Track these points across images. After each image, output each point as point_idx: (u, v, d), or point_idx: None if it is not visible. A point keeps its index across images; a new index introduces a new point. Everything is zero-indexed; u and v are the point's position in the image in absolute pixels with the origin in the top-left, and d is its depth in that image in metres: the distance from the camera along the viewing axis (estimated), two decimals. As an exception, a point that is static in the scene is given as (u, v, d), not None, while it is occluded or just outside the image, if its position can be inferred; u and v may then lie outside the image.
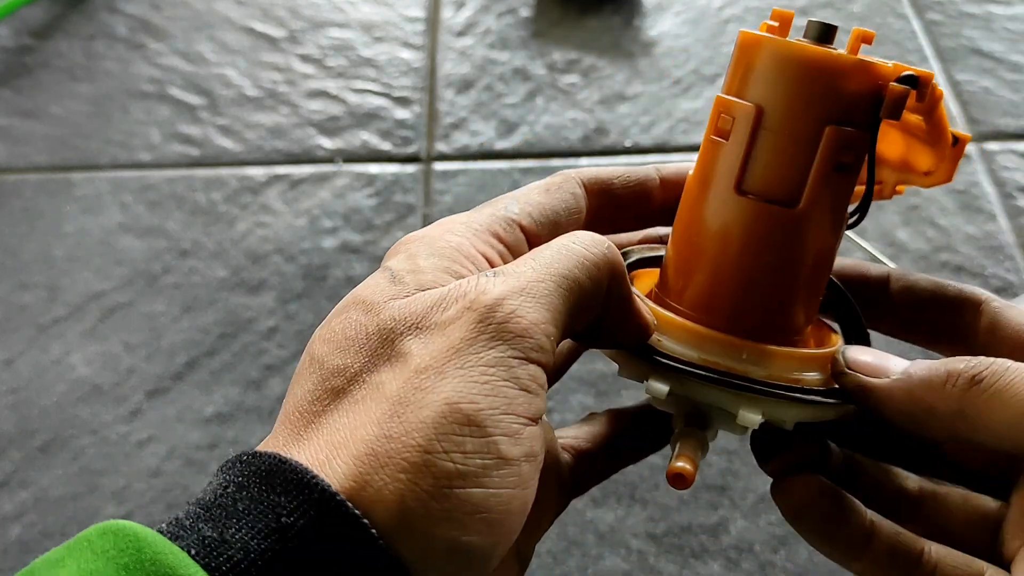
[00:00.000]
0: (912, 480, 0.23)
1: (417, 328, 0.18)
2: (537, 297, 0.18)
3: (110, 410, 0.43)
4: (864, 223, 0.49)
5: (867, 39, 0.20)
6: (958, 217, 0.49)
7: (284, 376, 0.44)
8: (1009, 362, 0.19)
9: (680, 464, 0.20)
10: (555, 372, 0.27)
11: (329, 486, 0.16)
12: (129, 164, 0.54)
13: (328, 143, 0.55)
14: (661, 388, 0.21)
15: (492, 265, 0.21)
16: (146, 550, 0.15)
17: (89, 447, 0.42)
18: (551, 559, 0.38)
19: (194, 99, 0.57)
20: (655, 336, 0.21)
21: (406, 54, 0.59)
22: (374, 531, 0.16)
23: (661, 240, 0.26)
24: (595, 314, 0.20)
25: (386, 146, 0.54)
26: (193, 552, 0.15)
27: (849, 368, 0.21)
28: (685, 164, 0.25)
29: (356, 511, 0.16)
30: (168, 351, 0.45)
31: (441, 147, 0.54)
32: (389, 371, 0.18)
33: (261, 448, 0.18)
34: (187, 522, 0.16)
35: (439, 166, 0.53)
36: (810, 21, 0.20)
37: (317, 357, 0.19)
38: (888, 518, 0.22)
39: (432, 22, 0.61)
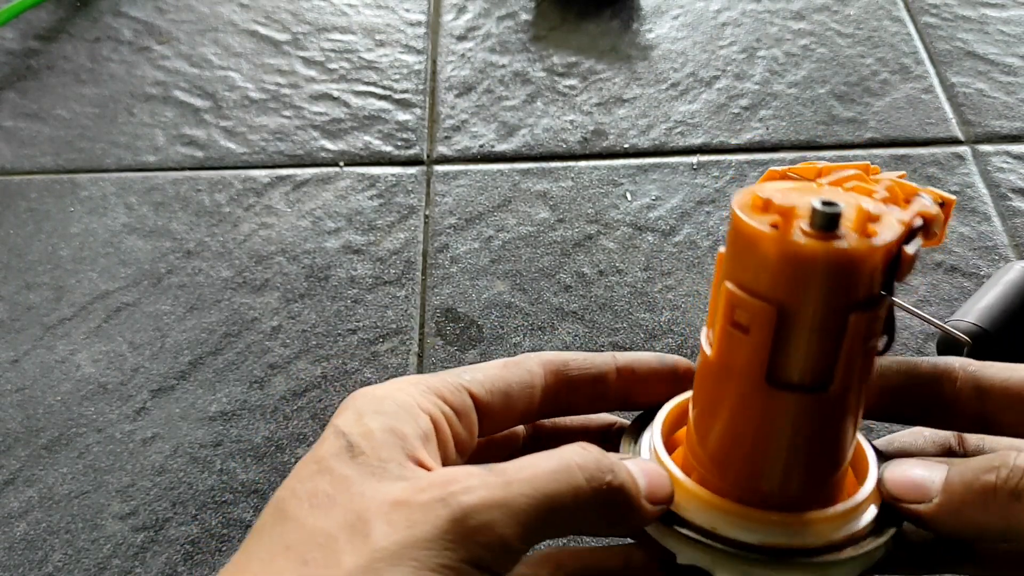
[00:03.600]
0: None
1: (388, 511, 0.19)
2: (516, 513, 0.19)
3: (115, 408, 0.44)
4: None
5: (873, 219, 0.19)
6: (952, 218, 0.50)
7: (287, 375, 0.45)
8: None
9: None
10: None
11: None
12: (134, 166, 0.55)
13: (331, 145, 0.55)
14: None
15: (435, 422, 0.22)
16: None
17: (95, 445, 0.43)
18: (551, 555, 0.39)
19: (199, 102, 0.58)
20: (710, 522, 0.22)
21: (408, 58, 0.60)
22: None
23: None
24: (577, 532, 0.21)
25: (388, 148, 0.55)
26: None
27: (891, 498, 0.21)
28: (642, 354, 0.26)
29: None
30: (173, 350, 0.46)
31: (442, 149, 0.55)
32: (349, 542, 0.18)
33: None
34: None
35: (440, 168, 0.54)
36: (814, 210, 0.18)
37: (281, 511, 0.20)
38: None
39: (433, 26, 0.62)
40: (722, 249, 0.21)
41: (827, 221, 0.18)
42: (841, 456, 0.22)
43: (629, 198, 0.52)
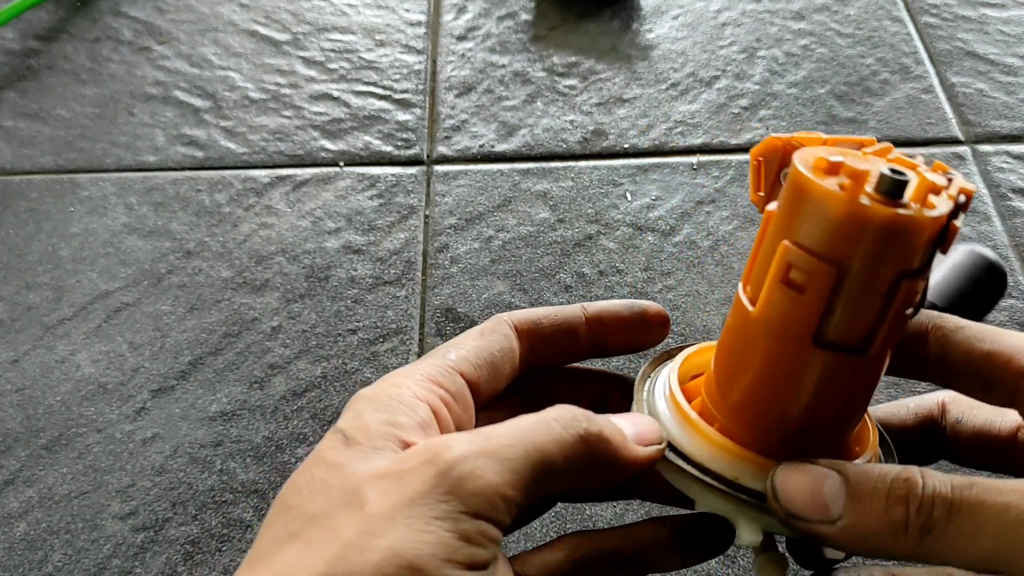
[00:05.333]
0: (880, 569, 0.24)
1: (379, 479, 0.19)
2: (501, 460, 0.19)
3: (115, 408, 0.44)
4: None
5: (935, 191, 0.20)
6: (953, 218, 0.50)
7: (287, 375, 0.45)
8: (948, 495, 0.19)
9: None
10: (530, 511, 0.27)
11: None
12: (134, 166, 0.55)
13: (331, 145, 0.55)
14: (755, 538, 0.22)
15: (434, 410, 0.22)
16: None
17: (95, 445, 0.43)
18: (551, 555, 0.39)
19: (199, 102, 0.58)
20: (732, 472, 0.22)
21: (408, 58, 0.60)
22: None
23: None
24: (572, 484, 0.21)
25: (388, 148, 0.55)
26: None
27: (789, 516, 0.21)
28: (611, 302, 0.26)
29: None
30: (173, 350, 0.46)
31: (442, 149, 0.55)
32: (345, 515, 0.19)
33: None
34: None
35: (440, 168, 0.54)
36: (882, 175, 0.19)
37: (284, 503, 0.20)
38: None
39: (433, 26, 0.62)
40: (772, 207, 0.21)
41: (895, 188, 0.19)
42: (862, 414, 0.23)
43: (629, 198, 0.52)
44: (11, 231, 0.52)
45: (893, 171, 0.19)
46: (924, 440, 0.26)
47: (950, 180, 0.21)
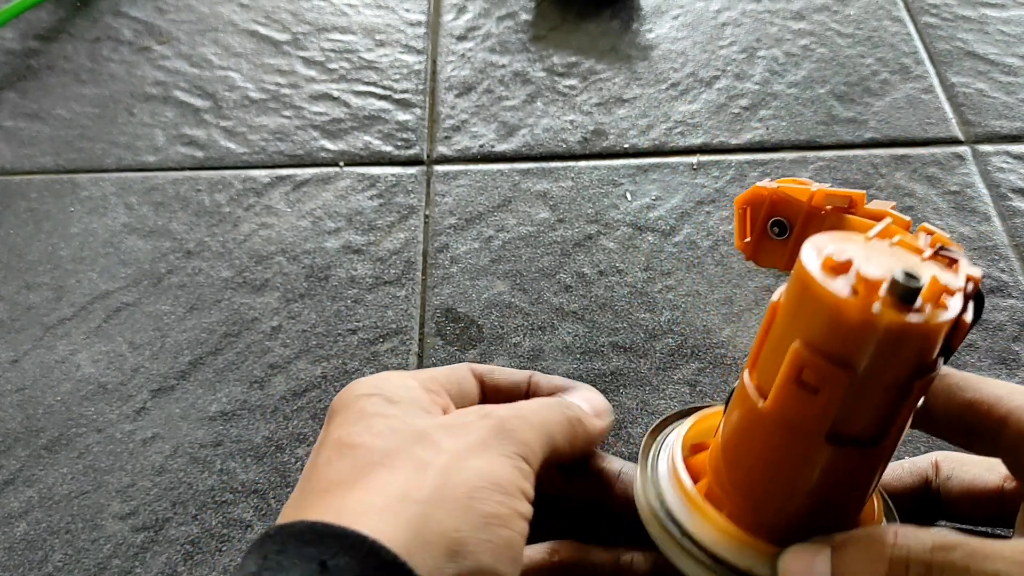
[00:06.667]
0: None
1: (445, 428, 0.24)
2: (532, 425, 0.26)
3: (115, 408, 0.44)
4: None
5: (949, 293, 0.19)
6: (952, 218, 0.50)
7: (287, 374, 0.45)
8: (928, 557, 0.19)
9: None
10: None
11: (360, 532, 0.20)
12: (134, 166, 0.55)
13: (331, 145, 0.55)
14: None
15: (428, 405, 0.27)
16: None
17: (94, 445, 0.43)
18: (551, 555, 0.39)
19: (199, 102, 0.58)
20: (746, 562, 0.22)
21: (408, 58, 0.60)
22: (405, 561, 0.20)
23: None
24: (562, 456, 0.27)
25: (388, 148, 0.55)
26: None
27: None
28: (556, 379, 0.32)
29: (386, 547, 0.20)
30: (173, 350, 0.46)
31: (442, 149, 0.55)
32: (424, 450, 0.23)
33: (287, 516, 0.22)
34: None
35: (440, 168, 0.54)
36: (894, 282, 0.18)
37: (344, 443, 0.24)
38: None
39: (433, 26, 0.62)
40: (775, 298, 0.21)
41: (910, 295, 0.18)
42: (872, 495, 0.23)
43: (629, 198, 0.52)
44: (11, 231, 0.52)
45: (907, 275, 0.18)
46: (922, 501, 0.27)
47: (954, 262, 0.21)
